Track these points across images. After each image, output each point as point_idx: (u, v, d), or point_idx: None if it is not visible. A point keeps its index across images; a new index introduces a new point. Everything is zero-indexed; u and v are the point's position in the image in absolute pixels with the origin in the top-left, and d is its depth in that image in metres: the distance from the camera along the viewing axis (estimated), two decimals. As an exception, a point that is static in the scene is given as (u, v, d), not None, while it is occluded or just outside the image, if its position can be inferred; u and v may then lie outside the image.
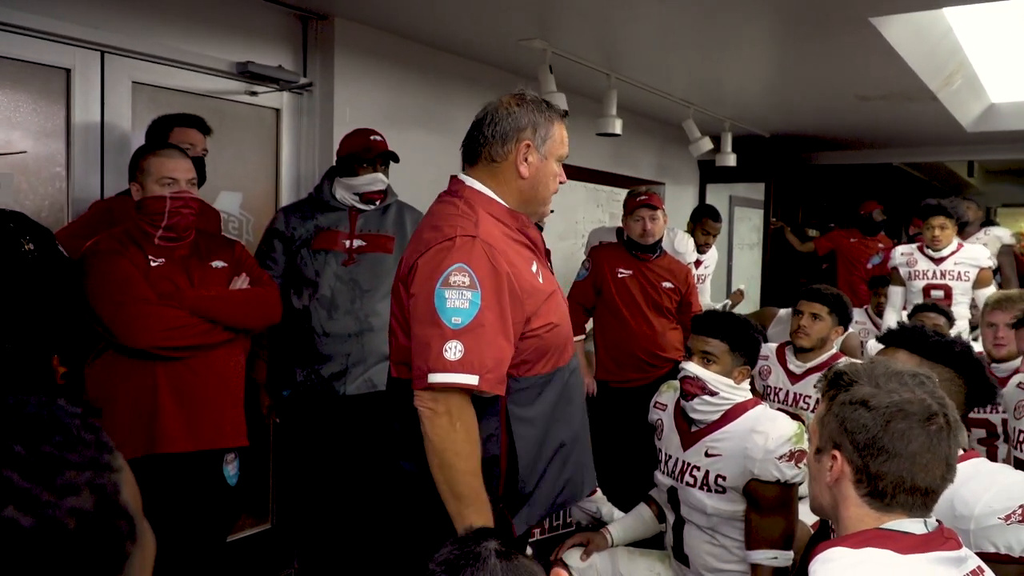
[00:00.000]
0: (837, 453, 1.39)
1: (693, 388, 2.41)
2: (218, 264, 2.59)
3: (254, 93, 3.52)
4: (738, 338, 2.44)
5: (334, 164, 3.23)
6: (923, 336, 1.91)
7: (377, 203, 3.11)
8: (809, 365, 3.40)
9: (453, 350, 1.63)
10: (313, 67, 3.70)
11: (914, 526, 1.35)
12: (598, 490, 3.33)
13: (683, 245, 4.46)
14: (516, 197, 1.86)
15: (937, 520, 1.38)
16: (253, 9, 3.44)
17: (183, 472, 2.47)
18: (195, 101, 3.26)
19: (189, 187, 2.49)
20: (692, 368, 2.42)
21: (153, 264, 2.45)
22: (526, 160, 1.83)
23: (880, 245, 6.58)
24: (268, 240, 3.12)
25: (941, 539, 1.34)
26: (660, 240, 3.85)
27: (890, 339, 1.98)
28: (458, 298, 1.65)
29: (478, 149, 1.87)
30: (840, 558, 1.31)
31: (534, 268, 1.82)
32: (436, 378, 1.64)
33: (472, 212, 1.79)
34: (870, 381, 1.39)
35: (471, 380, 1.63)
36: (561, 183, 1.91)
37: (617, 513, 3.17)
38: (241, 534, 3.54)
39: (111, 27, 2.95)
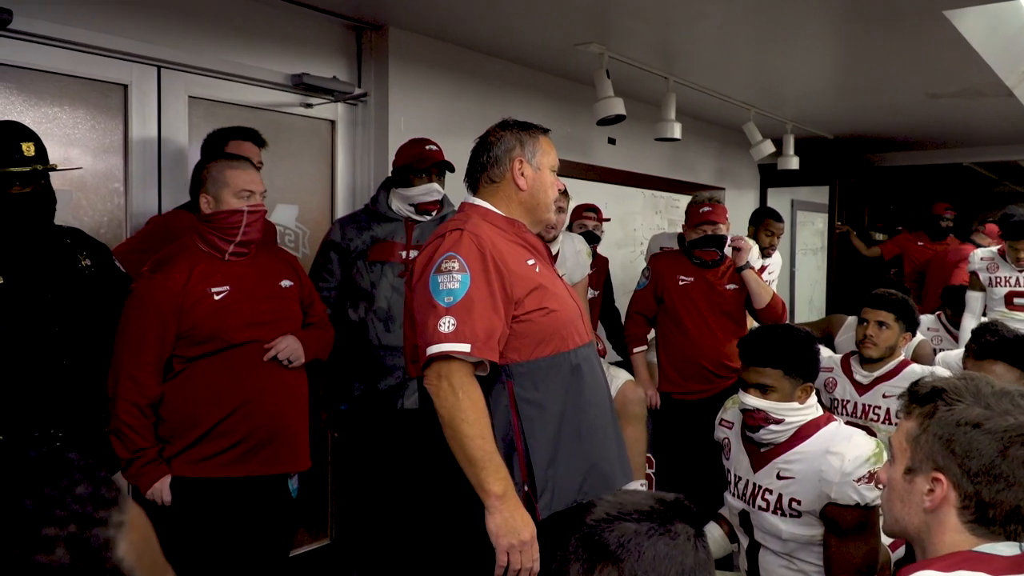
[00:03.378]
0: (941, 477, 1.29)
1: (756, 420, 2.29)
2: (286, 283, 2.56)
3: (309, 105, 3.50)
4: (792, 360, 2.28)
5: (390, 175, 3.18)
6: None
7: (433, 213, 3.06)
8: (877, 374, 3.24)
9: (447, 324, 1.79)
10: (368, 77, 3.68)
11: (1007, 549, 1.26)
12: None
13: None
14: (519, 209, 2.05)
15: None
16: (307, 21, 3.43)
17: (253, 491, 2.45)
18: (251, 114, 3.26)
19: (262, 199, 2.46)
20: (751, 401, 2.29)
21: (217, 297, 2.37)
22: (522, 175, 2.03)
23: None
24: (324, 252, 3.09)
25: None
26: (723, 247, 3.72)
27: (989, 350, 1.84)
28: (449, 281, 1.82)
29: (478, 176, 2.08)
30: None
31: (530, 262, 1.98)
32: (432, 349, 1.79)
33: (467, 217, 2.00)
34: (977, 400, 1.29)
35: (464, 347, 1.78)
36: (561, 191, 2.13)
37: None
38: (300, 549, 3.51)
39: (167, 42, 2.96)
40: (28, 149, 2.21)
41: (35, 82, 2.69)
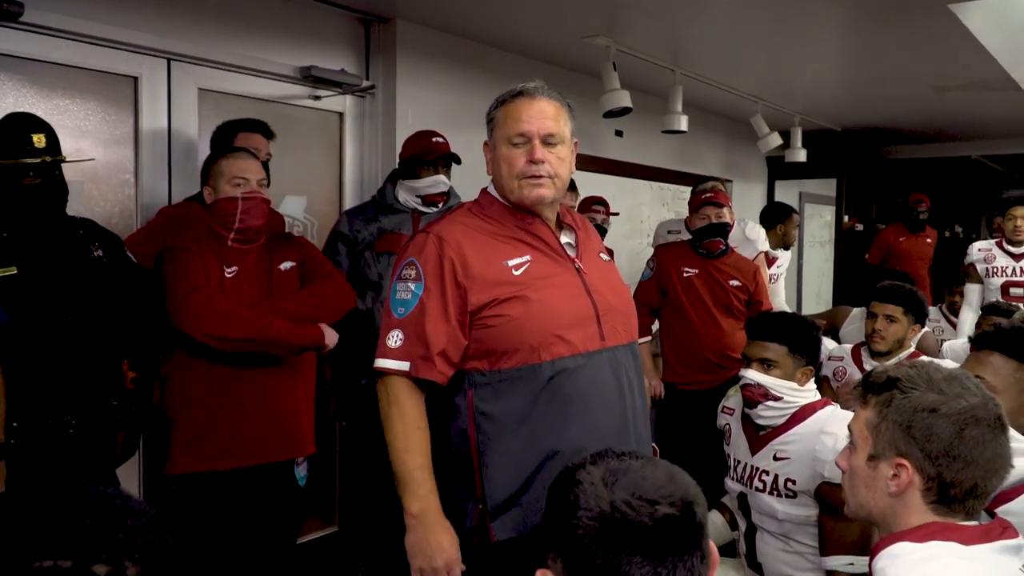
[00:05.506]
0: (905, 462, 1.34)
1: (755, 395, 2.33)
2: (286, 265, 2.58)
3: (317, 97, 3.53)
4: (797, 340, 2.34)
5: (397, 167, 3.21)
6: None
7: (439, 205, 3.09)
8: (887, 365, 3.26)
9: (395, 338, 1.75)
10: (376, 70, 3.70)
11: (971, 521, 1.35)
12: None
13: (754, 233, 4.34)
14: (500, 192, 1.88)
15: (989, 511, 1.37)
16: (316, 13, 3.46)
17: (258, 479, 2.48)
18: (260, 106, 3.29)
19: (260, 187, 2.49)
20: (752, 375, 2.33)
21: (228, 275, 2.44)
22: (489, 160, 1.89)
23: (928, 240, 6.41)
24: (332, 243, 3.12)
25: (1000, 528, 1.33)
26: (726, 236, 3.74)
27: (986, 341, 1.86)
28: (404, 291, 1.77)
29: None
30: (907, 553, 1.29)
31: (514, 261, 1.80)
32: (377, 363, 1.76)
33: (456, 211, 1.91)
34: (930, 386, 1.35)
35: (402, 366, 1.73)
36: (532, 162, 1.79)
37: None
38: (308, 537, 3.55)
39: (177, 35, 3.00)
40: (39, 140, 2.24)
41: (47, 74, 2.73)
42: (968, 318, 4.42)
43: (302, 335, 2.45)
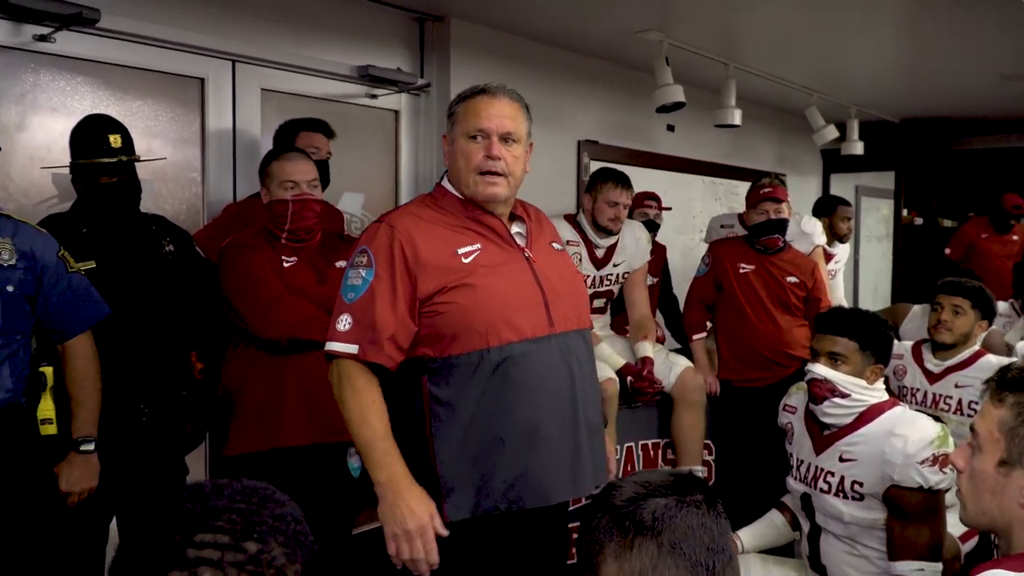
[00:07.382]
0: None
1: (822, 391, 2.27)
2: (341, 264, 2.62)
3: (374, 96, 3.60)
4: (868, 335, 2.28)
5: (452, 163, 3.25)
6: None
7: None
8: (949, 363, 3.17)
9: (344, 322, 1.80)
10: (430, 68, 3.75)
11: None
12: None
13: (810, 227, 4.28)
14: (456, 185, 1.92)
15: None
16: (372, 13, 3.52)
17: (308, 465, 2.51)
18: (318, 105, 3.36)
19: (310, 189, 2.53)
20: (820, 370, 2.28)
21: (286, 264, 2.51)
22: (448, 153, 1.94)
23: (1015, 238, 6.18)
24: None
25: None
26: (785, 232, 3.71)
27: None
28: (355, 277, 1.82)
29: None
30: None
31: (463, 249, 1.85)
32: (328, 346, 1.82)
33: (410, 203, 2.00)
34: None
35: (351, 349, 1.78)
36: (489, 157, 1.85)
37: None
38: (363, 528, 3.60)
39: (240, 37, 3.09)
40: (115, 141, 2.34)
41: (120, 77, 2.83)
42: None
43: None
